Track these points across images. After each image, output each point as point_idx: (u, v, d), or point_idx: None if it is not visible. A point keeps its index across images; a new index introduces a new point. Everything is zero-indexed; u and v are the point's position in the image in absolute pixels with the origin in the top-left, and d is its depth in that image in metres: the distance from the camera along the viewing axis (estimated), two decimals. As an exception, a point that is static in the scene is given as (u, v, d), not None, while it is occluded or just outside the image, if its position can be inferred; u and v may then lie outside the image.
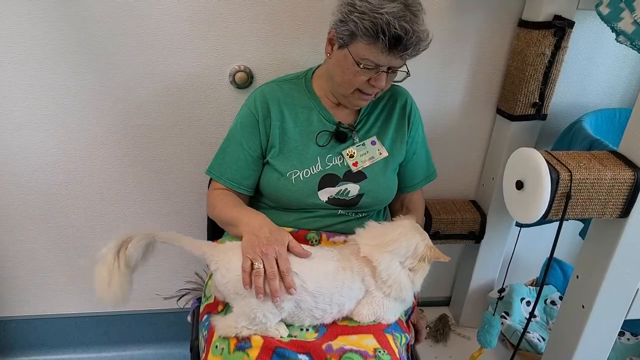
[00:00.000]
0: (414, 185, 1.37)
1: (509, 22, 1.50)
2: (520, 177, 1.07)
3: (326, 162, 1.22)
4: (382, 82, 1.11)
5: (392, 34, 1.01)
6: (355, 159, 1.24)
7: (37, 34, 1.36)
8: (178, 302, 1.43)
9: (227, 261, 1.04)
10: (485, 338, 1.40)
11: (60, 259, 1.75)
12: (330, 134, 1.23)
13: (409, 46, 1.04)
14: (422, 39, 1.06)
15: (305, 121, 1.24)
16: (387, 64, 1.08)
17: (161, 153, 1.59)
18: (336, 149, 1.24)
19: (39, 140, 1.52)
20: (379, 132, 1.27)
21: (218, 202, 1.22)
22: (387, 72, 1.10)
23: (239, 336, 1.00)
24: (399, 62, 1.10)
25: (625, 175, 1.01)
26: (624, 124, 1.09)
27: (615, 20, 1.07)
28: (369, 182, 1.23)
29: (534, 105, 1.48)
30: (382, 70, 1.09)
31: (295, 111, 1.24)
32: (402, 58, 1.08)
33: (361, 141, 1.25)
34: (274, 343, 0.98)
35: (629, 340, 1.61)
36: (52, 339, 1.90)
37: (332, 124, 1.24)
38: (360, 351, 0.98)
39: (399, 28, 1.01)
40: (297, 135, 1.22)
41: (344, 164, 1.23)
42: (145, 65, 1.44)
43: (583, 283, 1.20)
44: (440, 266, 1.96)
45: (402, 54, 1.06)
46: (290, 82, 1.28)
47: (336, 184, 1.22)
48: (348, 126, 1.25)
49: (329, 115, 1.25)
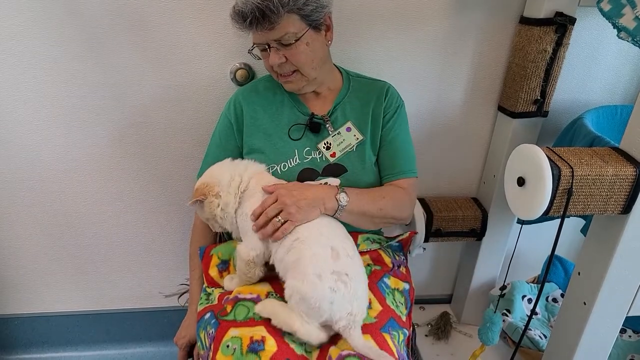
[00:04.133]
0: (391, 176, 1.27)
1: (510, 19, 1.50)
2: (522, 173, 1.07)
3: (304, 155, 1.24)
4: (273, 59, 1.13)
5: (237, 11, 1.07)
6: (333, 149, 1.25)
7: (37, 32, 1.36)
8: (179, 299, 1.43)
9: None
10: (487, 335, 1.40)
11: (61, 257, 1.75)
12: (305, 127, 1.25)
13: (259, 17, 1.06)
14: (266, 4, 1.05)
15: (280, 115, 1.27)
16: (264, 40, 1.12)
17: (162, 151, 1.59)
18: (313, 142, 1.25)
19: (40, 139, 1.52)
20: (357, 121, 1.27)
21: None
22: (275, 48, 1.13)
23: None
24: (275, 34, 1.10)
25: (627, 171, 1.01)
26: (625, 121, 1.09)
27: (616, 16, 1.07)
28: (349, 175, 1.23)
29: (535, 102, 1.48)
30: (270, 47, 1.13)
31: (270, 107, 1.28)
32: (268, 28, 1.08)
33: (336, 130, 1.26)
34: (286, 354, 0.96)
35: (630, 338, 1.61)
36: (54, 337, 1.91)
37: (306, 116, 1.26)
38: (358, 354, 0.97)
39: (241, 4, 1.06)
40: (272, 130, 1.26)
41: (323, 158, 1.24)
42: (145, 63, 1.44)
43: (584, 280, 1.20)
44: (442, 264, 1.97)
45: (262, 25, 1.07)
46: (266, 80, 1.33)
47: (315, 178, 1.23)
48: (321, 117, 1.26)
49: (304, 108, 1.28)
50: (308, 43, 1.14)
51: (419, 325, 1.89)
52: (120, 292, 1.86)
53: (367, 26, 1.46)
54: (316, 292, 0.97)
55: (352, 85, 1.31)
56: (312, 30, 1.14)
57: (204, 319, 1.11)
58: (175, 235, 1.76)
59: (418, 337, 1.82)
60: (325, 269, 1.00)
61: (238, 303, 1.07)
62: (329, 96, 1.30)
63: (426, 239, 1.65)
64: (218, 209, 1.13)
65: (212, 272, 1.23)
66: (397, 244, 1.33)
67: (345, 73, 1.34)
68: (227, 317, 1.04)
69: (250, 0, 1.04)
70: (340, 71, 1.34)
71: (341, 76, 1.33)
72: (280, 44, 1.12)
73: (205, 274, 1.24)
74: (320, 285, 0.98)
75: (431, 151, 1.69)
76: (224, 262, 1.23)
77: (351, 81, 1.32)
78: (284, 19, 1.08)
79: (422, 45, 1.51)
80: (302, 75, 1.18)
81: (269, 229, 1.07)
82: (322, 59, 1.20)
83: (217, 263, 1.23)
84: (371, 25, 1.46)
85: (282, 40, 1.11)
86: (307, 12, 1.10)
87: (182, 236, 1.76)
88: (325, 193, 1.13)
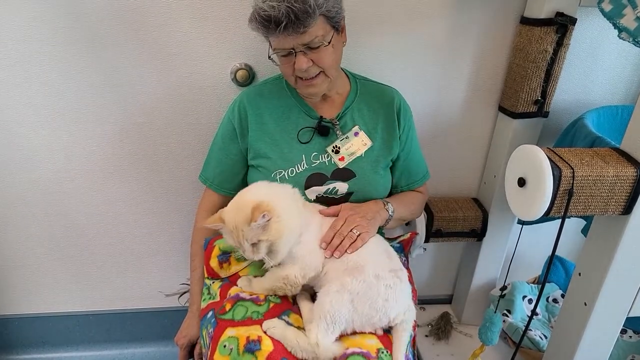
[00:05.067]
0: (412, 184, 1.38)
1: (511, 19, 1.50)
2: (523, 174, 1.07)
3: (312, 159, 1.23)
4: (301, 64, 1.09)
5: (265, 17, 1.01)
6: (342, 153, 1.24)
7: (38, 32, 1.36)
8: (179, 299, 1.44)
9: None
10: (487, 335, 1.40)
11: (62, 258, 1.75)
12: (313, 130, 1.24)
13: (293, 21, 1.01)
14: (303, 7, 1.01)
15: (286, 120, 1.25)
16: (292, 45, 1.07)
17: (162, 151, 1.59)
18: (321, 146, 1.24)
19: (40, 139, 1.52)
20: (365, 126, 1.27)
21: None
22: (302, 52, 1.09)
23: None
24: (306, 38, 1.06)
25: (628, 172, 1.01)
26: (626, 121, 1.09)
27: (617, 16, 1.07)
28: (358, 180, 1.23)
29: (535, 102, 1.48)
30: (296, 52, 1.09)
31: (276, 111, 1.26)
32: (302, 32, 1.05)
33: (344, 134, 1.25)
34: (282, 353, 0.96)
35: (631, 338, 1.61)
36: (54, 337, 1.91)
37: (315, 119, 1.25)
38: (362, 352, 0.97)
39: (269, 9, 1.01)
40: (278, 135, 1.24)
41: (332, 162, 1.24)
42: (146, 63, 1.44)
43: (585, 280, 1.20)
44: (442, 265, 1.97)
45: (296, 30, 1.03)
46: (271, 83, 1.31)
47: (324, 182, 1.22)
48: (330, 120, 1.25)
49: (311, 111, 1.26)
50: (334, 45, 1.13)
51: (420, 326, 1.89)
52: (120, 292, 1.86)
53: (367, 26, 1.46)
54: (372, 290, 1.02)
55: (359, 89, 1.31)
56: (335, 32, 1.13)
57: (206, 318, 1.12)
58: (176, 236, 1.76)
59: (418, 338, 1.82)
60: (384, 268, 1.06)
61: (238, 303, 1.08)
62: (337, 100, 1.29)
63: (427, 240, 1.65)
64: (271, 233, 1.01)
65: (212, 262, 1.23)
66: (398, 245, 1.34)
67: (351, 76, 1.33)
68: (225, 316, 1.05)
69: (282, 5, 1.00)
70: (347, 74, 1.33)
71: (348, 80, 1.32)
72: (308, 47, 1.09)
73: (206, 265, 1.24)
74: (377, 284, 1.02)
75: (432, 151, 1.69)
76: (224, 253, 1.23)
77: (358, 85, 1.31)
78: (315, 23, 1.05)
79: (422, 45, 1.51)
80: (326, 76, 1.16)
81: (345, 244, 1.09)
82: (340, 60, 1.20)
83: (218, 254, 1.23)
84: (372, 25, 1.46)
85: (311, 44, 1.08)
86: (333, 14, 1.09)
87: (183, 236, 1.76)
88: (376, 206, 1.23)
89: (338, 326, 0.99)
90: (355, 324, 1.01)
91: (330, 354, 0.97)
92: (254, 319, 1.03)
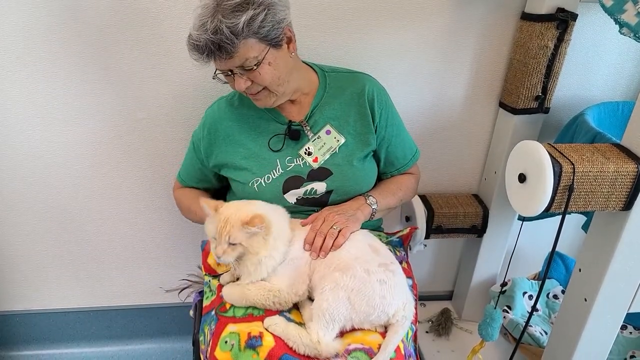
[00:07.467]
0: (401, 168, 1.36)
1: (512, 15, 1.49)
2: (523, 170, 1.06)
3: (286, 163, 1.23)
4: (239, 85, 1.11)
5: (193, 46, 1.05)
6: (314, 154, 1.23)
7: (39, 29, 1.36)
8: (179, 294, 1.43)
9: None
10: (487, 331, 1.40)
11: (62, 254, 1.76)
12: (284, 136, 1.24)
13: (215, 51, 1.03)
14: (220, 37, 1.01)
15: (257, 128, 1.25)
16: (227, 67, 1.09)
17: (162, 147, 1.59)
18: (294, 150, 1.24)
19: (41, 135, 1.52)
20: (336, 122, 1.25)
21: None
22: (238, 74, 1.09)
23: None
24: (236, 62, 1.06)
25: (628, 168, 1.01)
26: (627, 117, 1.09)
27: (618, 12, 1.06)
28: (335, 177, 1.23)
29: (536, 98, 1.48)
30: (233, 73, 1.10)
31: (247, 122, 1.26)
32: (227, 58, 1.05)
33: (315, 134, 1.24)
34: (283, 349, 0.96)
35: (631, 334, 1.61)
36: (55, 333, 1.91)
37: (284, 125, 1.24)
38: (365, 348, 0.97)
39: (195, 39, 1.03)
40: (252, 144, 1.24)
41: (306, 164, 1.23)
42: (146, 60, 1.44)
43: (585, 276, 1.20)
44: (443, 261, 1.97)
45: (221, 57, 1.05)
46: (240, 93, 1.27)
47: (301, 185, 1.22)
48: (299, 123, 1.25)
49: (280, 116, 1.25)
50: (270, 63, 1.10)
51: (420, 322, 1.89)
52: (121, 288, 1.86)
53: (367, 22, 1.45)
54: (366, 287, 1.00)
55: (328, 83, 1.27)
56: (272, 49, 1.09)
57: (210, 315, 1.12)
58: (176, 231, 1.76)
59: (419, 334, 1.82)
60: (372, 263, 1.04)
61: None
62: (304, 100, 1.26)
63: (427, 236, 1.66)
64: (253, 245, 1.01)
65: (210, 259, 1.23)
66: (397, 240, 1.33)
67: (320, 71, 1.29)
68: (226, 314, 1.05)
69: (202, 36, 1.01)
70: (315, 70, 1.29)
71: (317, 76, 1.28)
72: (243, 69, 1.08)
73: (204, 262, 1.24)
74: (369, 279, 1.01)
75: (432, 147, 1.69)
76: None
77: (327, 78, 1.28)
78: (241, 47, 1.04)
79: (423, 41, 1.50)
80: (270, 92, 1.15)
81: (328, 242, 1.08)
82: (288, 72, 1.16)
83: None
84: (372, 21, 1.45)
85: (244, 66, 1.08)
86: (264, 33, 1.05)
87: (182, 232, 1.76)
88: (356, 203, 1.22)
89: (337, 323, 0.99)
90: (354, 321, 1.01)
91: (332, 350, 0.97)
92: (255, 315, 1.03)
